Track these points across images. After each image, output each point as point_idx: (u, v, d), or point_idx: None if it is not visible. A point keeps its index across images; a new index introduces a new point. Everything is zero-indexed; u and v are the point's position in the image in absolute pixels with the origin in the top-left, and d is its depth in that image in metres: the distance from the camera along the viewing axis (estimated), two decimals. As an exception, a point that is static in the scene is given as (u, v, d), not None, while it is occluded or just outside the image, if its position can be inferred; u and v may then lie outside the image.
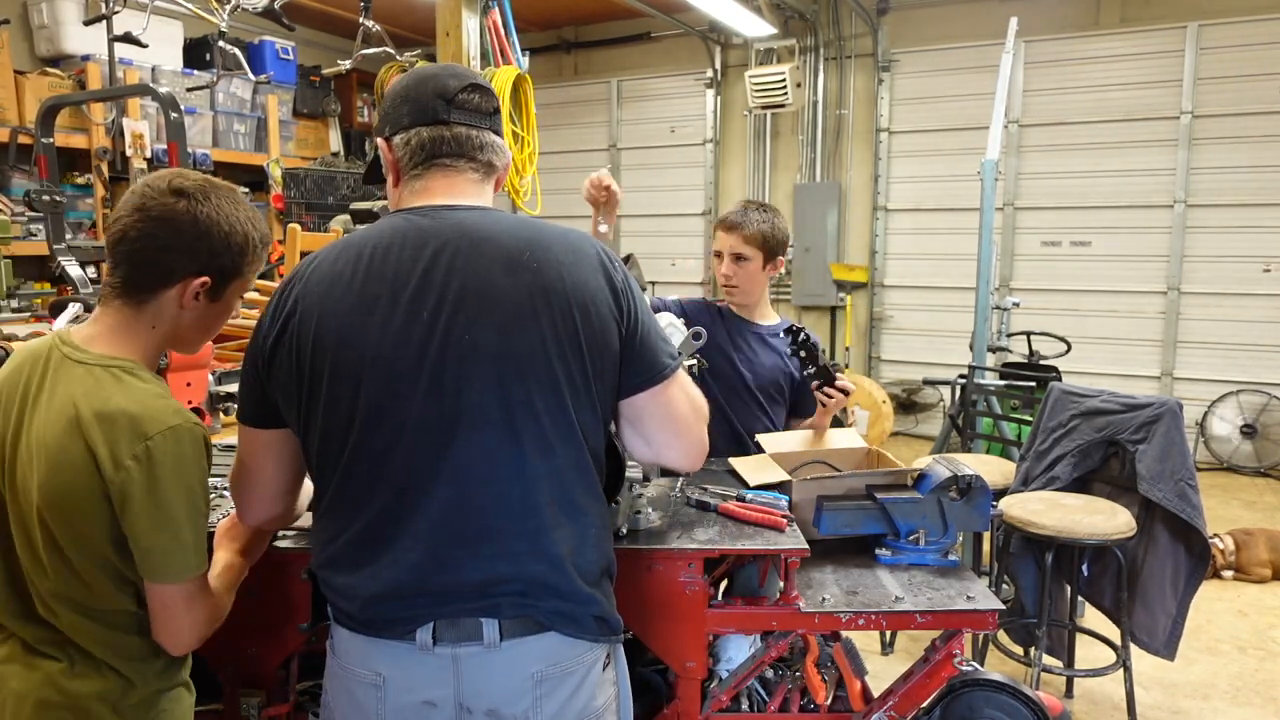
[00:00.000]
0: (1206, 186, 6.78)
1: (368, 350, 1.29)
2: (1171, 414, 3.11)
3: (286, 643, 1.82)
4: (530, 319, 1.30)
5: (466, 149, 1.41)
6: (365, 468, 1.31)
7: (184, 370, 2.57)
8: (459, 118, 1.41)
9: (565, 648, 1.33)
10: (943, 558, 1.97)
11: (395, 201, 1.46)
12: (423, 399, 1.29)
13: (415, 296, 1.30)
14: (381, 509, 1.31)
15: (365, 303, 1.30)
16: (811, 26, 7.89)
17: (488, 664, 1.30)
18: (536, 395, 1.30)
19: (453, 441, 1.29)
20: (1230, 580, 4.58)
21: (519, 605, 1.31)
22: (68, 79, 5.47)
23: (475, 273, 1.30)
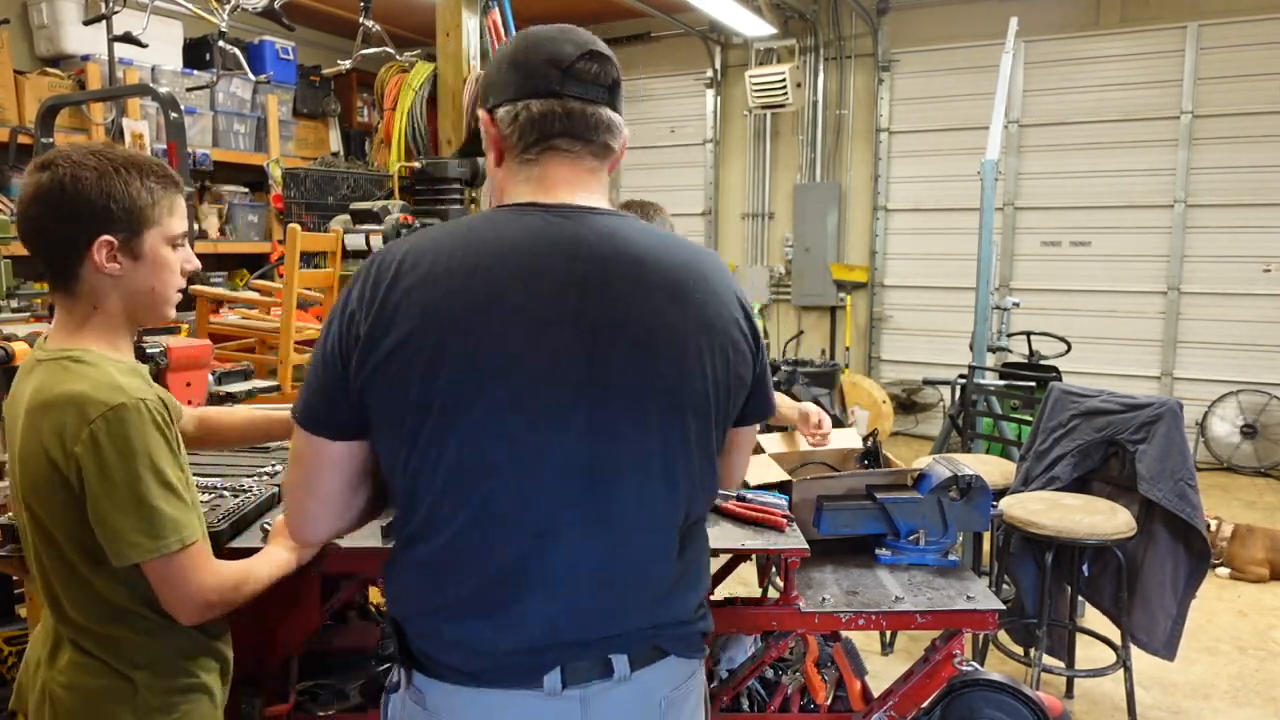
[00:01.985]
0: (1206, 186, 6.78)
1: (519, 381, 1.13)
2: (1171, 414, 3.11)
3: (287, 643, 1.82)
4: (695, 357, 1.19)
5: (581, 129, 1.22)
6: (501, 511, 1.15)
7: (184, 370, 2.57)
8: (575, 90, 1.21)
9: (682, 669, 1.28)
10: (943, 558, 1.97)
11: (501, 186, 1.28)
12: (577, 439, 1.15)
13: (573, 322, 1.14)
14: (516, 556, 1.16)
15: (514, 320, 1.13)
16: (811, 26, 7.89)
17: (618, 699, 1.21)
18: (694, 439, 1.22)
19: (609, 487, 1.17)
20: (1228, 580, 4.58)
21: (648, 636, 1.23)
22: (68, 79, 5.47)
23: (638, 299, 1.17)
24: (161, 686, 1.45)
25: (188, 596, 1.40)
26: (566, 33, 1.24)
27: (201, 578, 1.41)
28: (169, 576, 1.39)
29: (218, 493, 1.98)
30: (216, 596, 1.43)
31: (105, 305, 1.45)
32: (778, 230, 8.42)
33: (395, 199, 3.87)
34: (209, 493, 1.98)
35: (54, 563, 1.41)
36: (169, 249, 1.48)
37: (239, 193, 6.61)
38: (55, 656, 1.44)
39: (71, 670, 1.41)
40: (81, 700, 1.41)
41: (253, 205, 6.65)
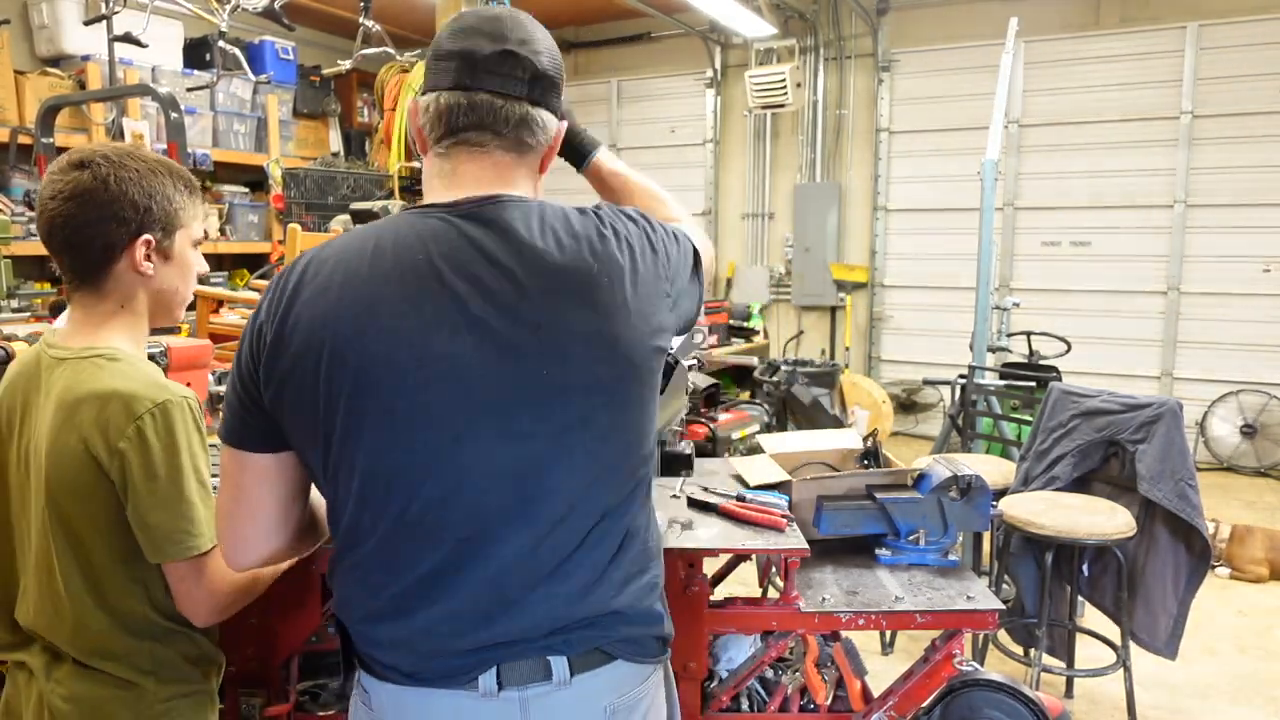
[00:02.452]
0: (1206, 186, 6.78)
1: (419, 389, 1.12)
2: (1171, 414, 3.11)
3: (286, 643, 1.82)
4: (600, 341, 1.16)
5: (490, 122, 1.20)
6: (422, 515, 1.14)
7: (184, 370, 2.57)
8: (486, 83, 1.18)
9: (632, 674, 1.24)
10: (943, 558, 1.97)
11: (425, 179, 1.27)
12: (493, 440, 1.13)
13: (473, 325, 1.13)
14: (442, 557, 1.15)
15: (408, 328, 1.12)
16: (811, 26, 7.89)
17: (558, 704, 1.18)
18: (610, 427, 1.19)
19: (527, 483, 1.15)
20: (1227, 579, 4.58)
21: (588, 638, 1.20)
22: (68, 79, 5.47)
23: (536, 293, 1.14)
24: (166, 693, 1.44)
25: (208, 596, 1.41)
26: (491, 23, 1.21)
27: (221, 579, 1.42)
28: (194, 576, 1.39)
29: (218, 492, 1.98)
30: (230, 599, 1.44)
31: (132, 304, 1.47)
32: (778, 230, 8.42)
33: (395, 199, 3.87)
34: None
35: (71, 565, 1.39)
36: (194, 251, 1.51)
37: (239, 193, 6.61)
38: (52, 668, 1.42)
39: (72, 681, 1.40)
40: (85, 712, 1.40)
41: (253, 205, 6.65)
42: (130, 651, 1.42)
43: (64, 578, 1.39)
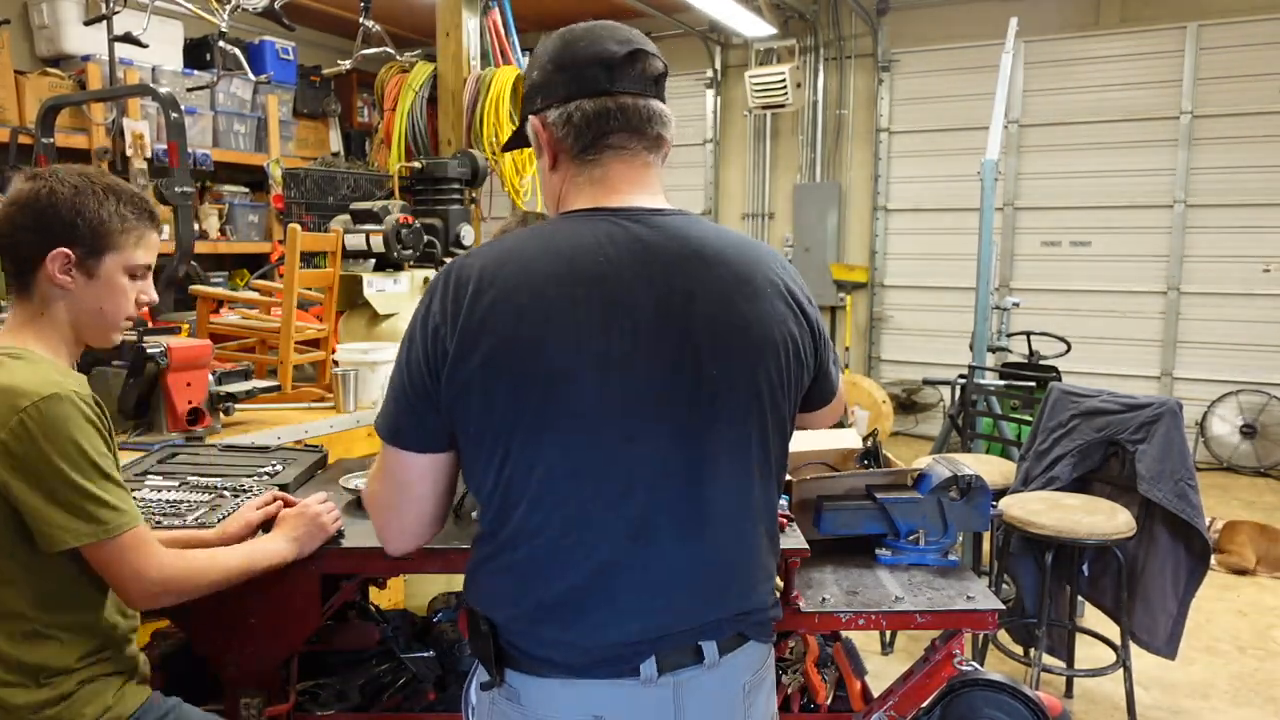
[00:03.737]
0: (1206, 186, 6.78)
1: (609, 388, 1.15)
2: (1171, 414, 3.11)
3: (287, 643, 1.82)
4: (769, 350, 1.23)
5: (636, 123, 1.25)
6: (595, 515, 1.17)
7: (184, 370, 2.57)
8: (625, 85, 1.24)
9: (759, 654, 1.32)
10: (943, 558, 1.97)
11: (560, 189, 1.29)
12: (669, 441, 1.18)
13: (656, 325, 1.17)
14: (611, 557, 1.18)
15: (597, 328, 1.15)
16: (811, 26, 7.89)
17: (706, 685, 1.24)
18: (773, 432, 1.26)
19: (701, 486, 1.20)
20: (1224, 575, 4.59)
21: (736, 625, 1.27)
22: (68, 79, 5.47)
23: (715, 298, 1.20)
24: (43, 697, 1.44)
25: (135, 578, 1.44)
26: (608, 30, 1.28)
27: (142, 563, 1.44)
28: (110, 560, 1.42)
29: (218, 493, 1.98)
30: (160, 587, 1.46)
31: (51, 313, 1.51)
32: (778, 230, 8.42)
33: (395, 199, 3.87)
34: (209, 492, 1.98)
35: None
36: (126, 277, 1.54)
37: (239, 193, 6.61)
38: None
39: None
40: None
41: (253, 205, 6.64)
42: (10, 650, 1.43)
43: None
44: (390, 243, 3.50)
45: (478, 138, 4.06)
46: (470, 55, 4.15)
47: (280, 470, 2.17)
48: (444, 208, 3.90)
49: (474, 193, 4.17)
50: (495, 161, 4.08)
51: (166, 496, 1.94)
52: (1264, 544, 4.68)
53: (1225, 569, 4.63)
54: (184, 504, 1.89)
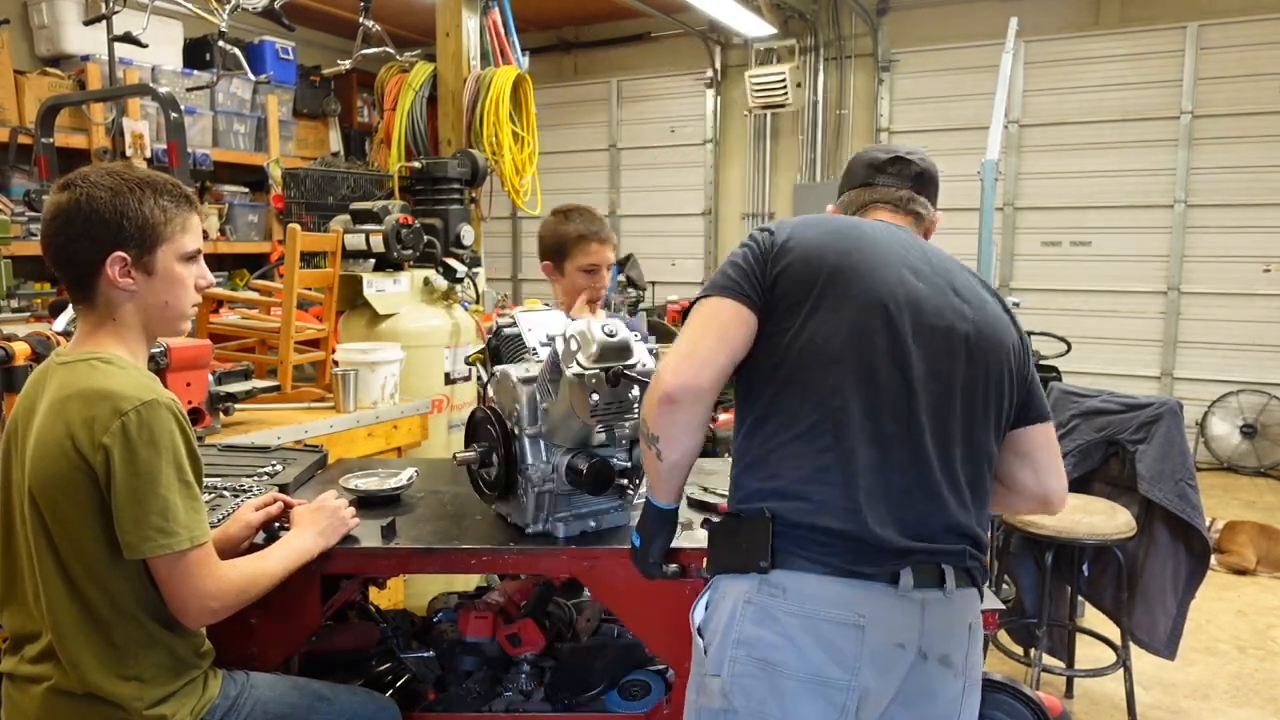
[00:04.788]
0: (1206, 186, 6.78)
1: (923, 330, 1.43)
2: (1171, 414, 3.11)
3: (287, 643, 1.82)
4: (1006, 357, 1.50)
5: (892, 201, 1.73)
6: (890, 428, 1.38)
7: (184, 370, 2.57)
8: (881, 180, 1.74)
9: (977, 603, 1.47)
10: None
11: None
12: (960, 392, 1.43)
13: (955, 309, 1.49)
14: (885, 464, 1.37)
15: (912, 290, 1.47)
16: (811, 26, 7.88)
17: (945, 611, 1.37)
18: (1004, 427, 1.53)
19: (952, 408, 1.42)
20: (1223, 574, 4.59)
21: (964, 558, 1.41)
22: (68, 79, 5.47)
23: (979, 306, 1.53)
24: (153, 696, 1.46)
25: (195, 595, 1.44)
26: (887, 147, 1.79)
27: (204, 582, 1.44)
28: (175, 576, 1.42)
29: (218, 493, 1.98)
30: (219, 603, 1.46)
31: (120, 316, 1.51)
32: (778, 230, 8.41)
33: (395, 199, 3.86)
34: (209, 492, 1.98)
35: (49, 563, 1.41)
36: (182, 265, 1.53)
37: (239, 193, 6.61)
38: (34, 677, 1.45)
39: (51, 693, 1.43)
40: None
41: (253, 205, 6.64)
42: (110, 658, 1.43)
43: (42, 576, 1.42)
44: (390, 243, 3.50)
45: (478, 138, 4.06)
46: (470, 55, 4.14)
47: (280, 470, 2.17)
48: (444, 208, 3.90)
49: (474, 193, 4.16)
50: (495, 161, 4.08)
51: (166, 496, 1.94)
52: (1264, 544, 4.68)
53: (1225, 569, 4.63)
54: (184, 504, 1.89)
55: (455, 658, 2.13)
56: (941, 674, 1.37)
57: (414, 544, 1.81)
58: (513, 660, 2.08)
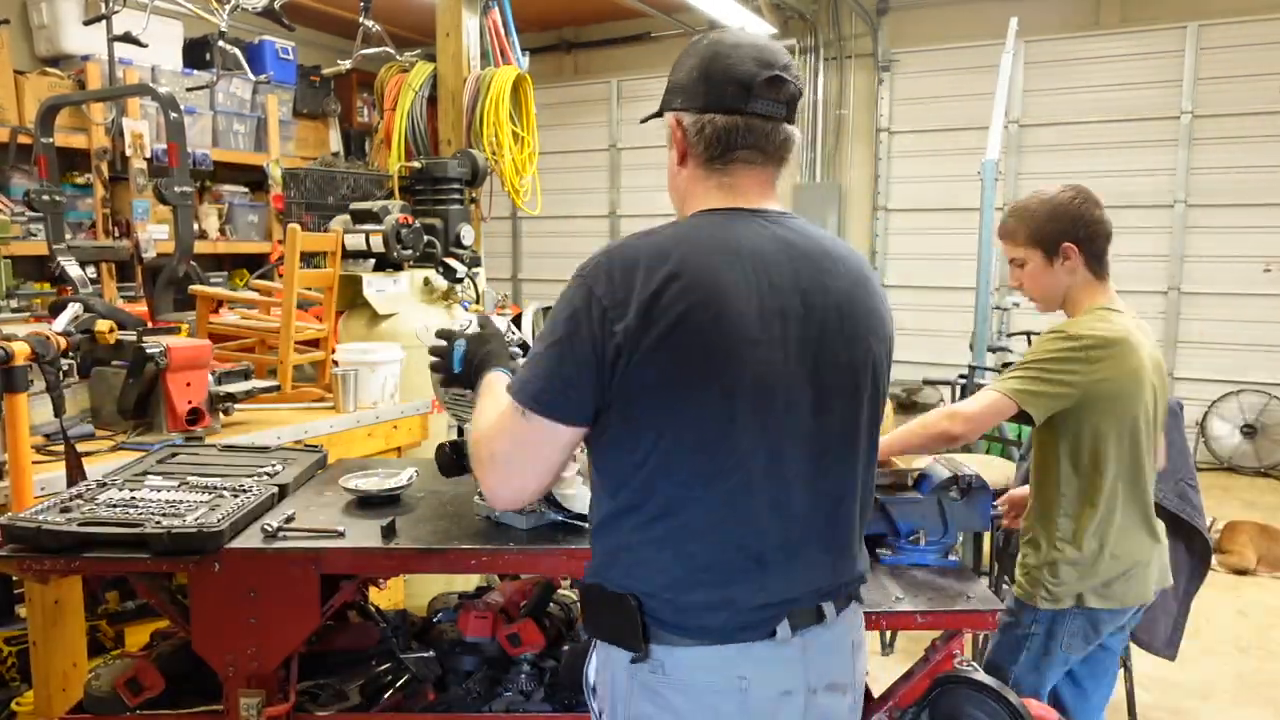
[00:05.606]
0: (1206, 186, 6.78)
1: (770, 368, 1.26)
2: (1171, 414, 3.09)
3: (287, 643, 1.82)
4: (875, 340, 1.36)
5: (763, 143, 1.34)
6: (750, 486, 1.27)
7: (184, 370, 2.57)
8: (758, 107, 1.32)
9: (859, 612, 1.45)
10: (943, 558, 1.97)
11: (687, 186, 1.40)
12: (810, 417, 1.30)
13: (801, 313, 1.28)
14: (760, 527, 1.29)
15: (765, 318, 1.25)
16: (811, 26, 7.88)
17: (826, 642, 1.35)
18: (875, 415, 1.40)
19: (827, 459, 1.33)
20: (1225, 575, 4.59)
21: (845, 588, 1.40)
22: (68, 79, 5.46)
23: (839, 290, 1.33)
24: None
25: None
26: (756, 49, 1.33)
27: None
28: None
29: (218, 493, 1.98)
30: None
31: None
32: (778, 230, 8.41)
33: (395, 199, 3.87)
34: (209, 492, 1.98)
35: None
36: None
37: (239, 193, 6.61)
38: None
39: None
40: None
41: (253, 205, 6.64)
42: None
43: None
44: (390, 243, 3.50)
45: (478, 138, 4.06)
46: (470, 55, 4.14)
47: (280, 470, 2.17)
48: (444, 208, 3.90)
49: (474, 193, 4.16)
50: (495, 161, 4.08)
51: (166, 496, 1.94)
52: (1264, 544, 4.68)
53: (1226, 569, 4.63)
54: (184, 504, 1.89)
55: (455, 658, 2.13)
56: (832, 699, 1.36)
57: (414, 544, 1.81)
58: (513, 660, 2.08)
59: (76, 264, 3.35)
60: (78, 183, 5.60)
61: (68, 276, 3.30)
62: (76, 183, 5.60)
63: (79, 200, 5.56)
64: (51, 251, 3.45)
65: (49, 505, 1.85)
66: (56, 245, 3.45)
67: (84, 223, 5.58)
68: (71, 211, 5.38)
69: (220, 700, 1.85)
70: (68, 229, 4.60)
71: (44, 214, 3.54)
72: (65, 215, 4.20)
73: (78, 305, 2.66)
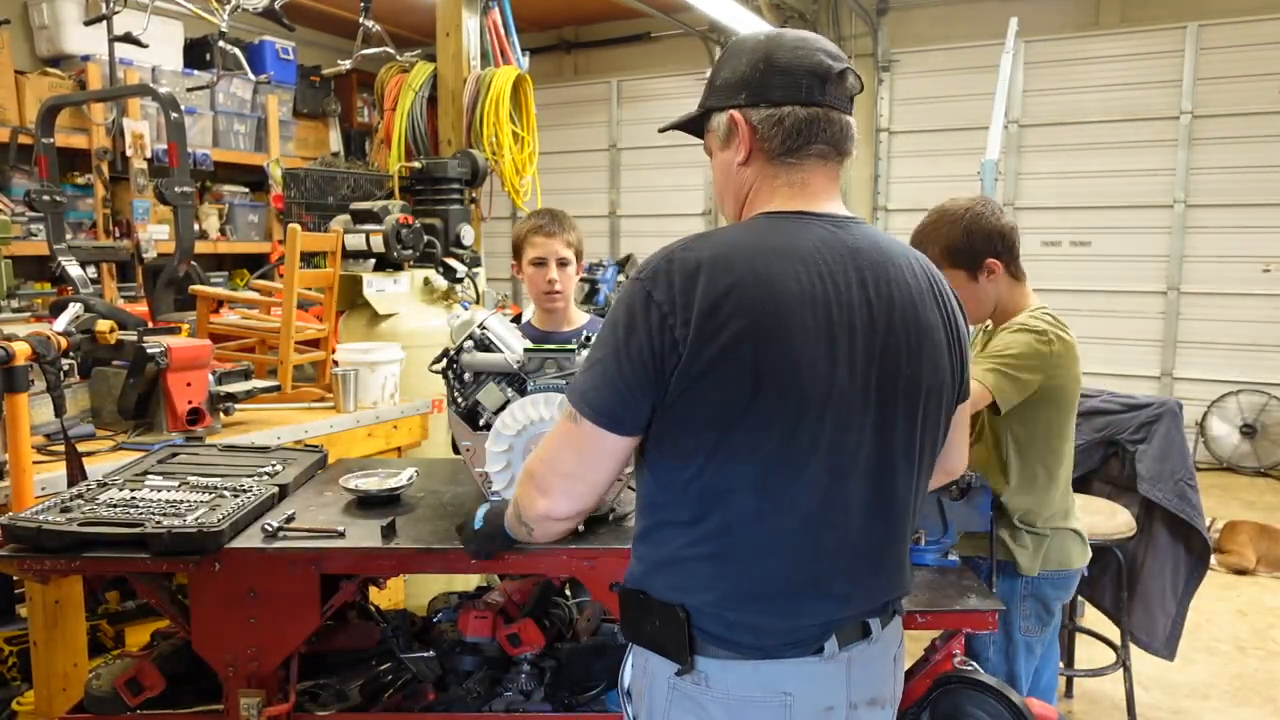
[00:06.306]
0: (1206, 186, 6.78)
1: (829, 382, 1.21)
2: (1171, 414, 3.11)
3: (286, 643, 1.82)
4: (945, 351, 1.33)
5: (839, 138, 1.31)
6: (807, 505, 1.24)
7: (184, 370, 2.57)
8: (834, 100, 1.29)
9: (900, 626, 1.43)
10: (943, 558, 1.97)
11: (752, 185, 1.36)
12: (870, 435, 1.25)
13: (867, 324, 1.24)
14: (815, 544, 1.26)
15: (830, 332, 1.21)
16: (811, 26, 7.88)
17: (869, 656, 1.33)
18: (941, 429, 1.36)
19: (886, 476, 1.28)
20: (1223, 574, 4.59)
21: (890, 603, 1.38)
22: (68, 79, 5.47)
23: (909, 302, 1.28)
24: None
25: None
26: (820, 42, 1.33)
27: None
28: None
29: (218, 493, 1.98)
30: None
31: None
32: (778, 230, 8.42)
33: (395, 199, 3.87)
34: (209, 492, 1.98)
35: None
36: None
37: (239, 193, 6.61)
38: None
39: None
40: None
41: (253, 205, 6.64)
42: None
43: None
44: (390, 243, 3.50)
45: (478, 138, 4.06)
46: (470, 55, 4.14)
47: (280, 470, 2.17)
48: (444, 208, 3.90)
49: (474, 193, 4.17)
50: (495, 161, 4.08)
51: (166, 496, 1.94)
52: (1264, 544, 4.68)
53: (1225, 569, 4.64)
54: (184, 504, 1.89)
55: (455, 658, 2.13)
56: (872, 714, 1.34)
57: (414, 544, 1.81)
58: (513, 660, 2.08)
59: (77, 264, 3.35)
60: (78, 183, 5.60)
61: (68, 276, 3.30)
62: (77, 183, 5.60)
63: (79, 200, 5.56)
64: (52, 251, 3.45)
65: (49, 505, 1.85)
66: (57, 245, 3.45)
67: (84, 223, 5.59)
68: (72, 211, 5.38)
69: (220, 700, 1.86)
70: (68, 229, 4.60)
71: (44, 214, 3.53)
72: (66, 215, 4.20)
73: (78, 305, 2.66)
